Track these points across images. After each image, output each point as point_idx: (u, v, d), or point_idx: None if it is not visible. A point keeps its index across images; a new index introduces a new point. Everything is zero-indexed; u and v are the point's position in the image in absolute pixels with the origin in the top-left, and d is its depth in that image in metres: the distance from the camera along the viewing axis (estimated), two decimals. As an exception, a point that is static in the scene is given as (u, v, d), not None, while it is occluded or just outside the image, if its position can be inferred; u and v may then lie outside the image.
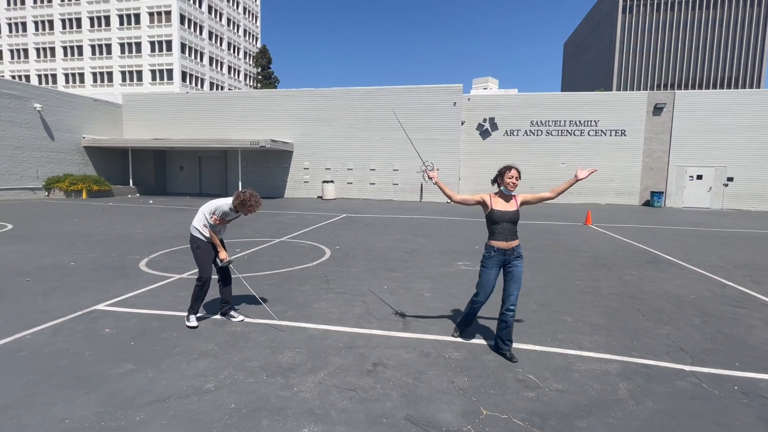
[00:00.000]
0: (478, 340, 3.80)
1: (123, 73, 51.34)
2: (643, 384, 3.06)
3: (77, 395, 2.76)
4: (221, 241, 4.16)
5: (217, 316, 4.26)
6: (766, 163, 19.03)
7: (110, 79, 51.65)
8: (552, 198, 3.64)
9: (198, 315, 4.11)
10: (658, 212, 17.14)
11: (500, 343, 3.50)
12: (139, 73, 50.89)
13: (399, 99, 20.59)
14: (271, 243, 8.47)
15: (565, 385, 3.02)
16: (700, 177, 19.66)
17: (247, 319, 4.20)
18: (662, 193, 19.57)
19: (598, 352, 3.58)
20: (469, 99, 21.15)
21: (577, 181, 3.51)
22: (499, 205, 3.52)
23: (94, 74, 52.00)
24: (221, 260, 4.07)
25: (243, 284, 5.00)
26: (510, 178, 3.47)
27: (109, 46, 51.12)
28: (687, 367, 3.35)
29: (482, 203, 3.61)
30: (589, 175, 3.46)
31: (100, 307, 4.49)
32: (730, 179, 19.37)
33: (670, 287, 5.73)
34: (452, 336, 3.85)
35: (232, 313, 4.23)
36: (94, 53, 51.62)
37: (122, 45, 50.90)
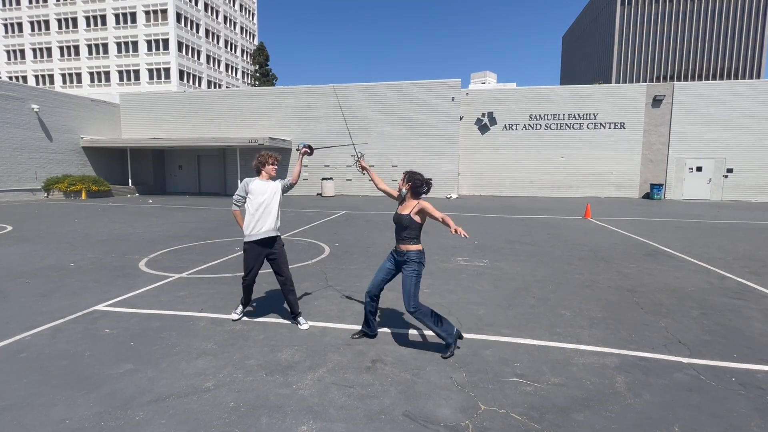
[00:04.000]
0: (477, 336, 3.81)
1: (120, 72, 51.17)
2: (640, 377, 3.07)
3: (77, 395, 2.78)
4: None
5: (217, 315, 4.27)
6: (765, 154, 18.99)
7: (107, 79, 51.49)
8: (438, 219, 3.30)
9: (237, 313, 4.18)
10: (657, 205, 17.13)
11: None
12: (137, 72, 50.73)
13: (397, 95, 20.52)
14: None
15: (563, 379, 3.03)
16: (699, 169, 19.63)
17: (245, 318, 4.21)
18: (662, 185, 19.54)
19: (596, 346, 3.59)
20: (467, 94, 21.08)
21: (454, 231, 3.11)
22: (399, 207, 3.56)
23: (91, 74, 51.83)
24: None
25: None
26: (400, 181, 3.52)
27: (105, 46, 50.93)
28: (685, 360, 3.36)
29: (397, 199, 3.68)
30: (456, 231, 3.04)
31: (100, 307, 4.50)
32: (730, 170, 19.33)
33: (669, 280, 5.74)
34: (351, 337, 3.70)
35: (299, 319, 4.00)
36: (90, 53, 51.43)
37: (119, 44, 50.71)
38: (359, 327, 3.99)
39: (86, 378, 3.01)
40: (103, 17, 50.42)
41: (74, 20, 51.04)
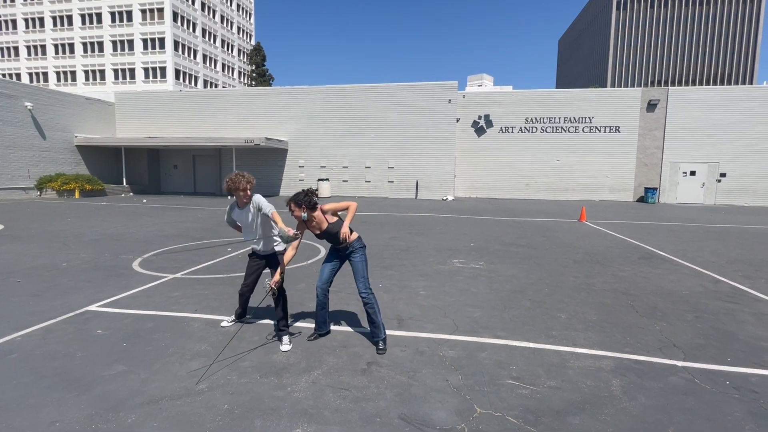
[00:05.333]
0: (473, 338, 3.81)
1: (115, 71, 50.88)
2: (635, 380, 3.07)
3: (68, 397, 2.74)
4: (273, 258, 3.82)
5: (211, 316, 4.23)
6: (757, 159, 19.18)
7: (102, 77, 51.17)
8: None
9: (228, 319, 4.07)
10: (652, 208, 17.25)
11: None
12: (132, 71, 50.46)
13: (394, 96, 20.54)
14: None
15: (558, 382, 3.03)
16: (693, 173, 19.80)
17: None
18: (656, 189, 19.68)
19: (591, 349, 3.60)
20: (464, 96, 21.14)
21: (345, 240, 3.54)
22: (315, 229, 3.64)
23: (86, 72, 51.49)
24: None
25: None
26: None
27: (101, 44, 50.62)
28: (679, 363, 3.37)
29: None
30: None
31: (93, 307, 4.45)
32: (723, 175, 19.51)
33: (663, 283, 5.77)
34: (308, 339, 3.70)
35: (284, 338, 3.57)
36: (85, 51, 51.12)
37: (114, 42, 50.43)
38: (354, 329, 3.98)
39: (77, 379, 2.97)
40: (99, 15, 50.15)
41: (69, 18, 50.72)
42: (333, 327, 4.01)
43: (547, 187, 20.89)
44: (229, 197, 3.76)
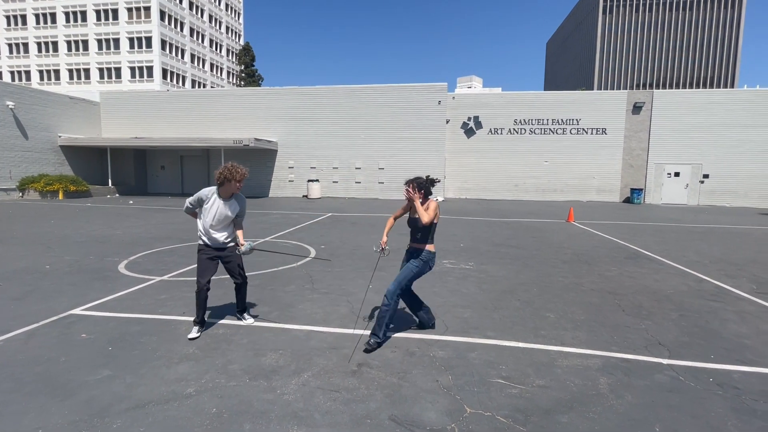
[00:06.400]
0: (463, 338, 3.82)
1: (101, 70, 49.99)
2: (622, 378, 3.12)
3: (51, 403, 2.67)
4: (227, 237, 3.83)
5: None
6: (739, 161, 19.65)
7: (87, 76, 50.23)
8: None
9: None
10: (637, 209, 17.54)
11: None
12: (118, 70, 49.64)
13: (384, 97, 20.56)
14: (255, 243, 8.35)
15: (547, 381, 3.06)
16: (677, 174, 20.19)
17: (227, 322, 4.13)
18: (641, 190, 20.03)
19: (579, 348, 3.64)
20: (453, 98, 21.25)
21: None
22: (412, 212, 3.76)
23: (70, 71, 50.50)
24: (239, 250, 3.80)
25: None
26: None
27: (85, 42, 49.70)
28: (665, 361, 3.43)
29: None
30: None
31: (77, 311, 4.36)
32: (706, 176, 19.94)
33: (648, 282, 5.87)
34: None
35: (245, 315, 4.13)
36: (70, 49, 50.13)
37: (99, 41, 49.55)
38: (344, 330, 3.97)
39: (61, 385, 2.90)
40: (84, 13, 49.23)
41: (53, 15, 49.70)
42: (321, 328, 3.99)
43: (536, 188, 21.11)
44: (217, 186, 3.73)
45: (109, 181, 21.30)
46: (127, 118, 22.43)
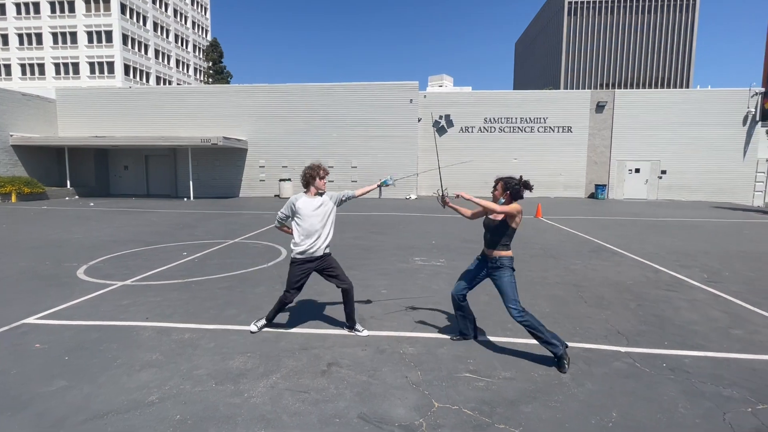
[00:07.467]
0: (432, 335, 3.87)
1: (57, 65, 47.43)
2: (583, 367, 3.25)
3: (2, 418, 2.53)
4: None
5: (164, 324, 4.05)
6: (693, 157, 20.76)
7: (42, 72, 47.54)
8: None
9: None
10: (601, 204, 18.26)
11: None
12: (76, 65, 47.24)
13: (356, 96, 20.49)
14: (224, 245, 8.17)
15: (513, 373, 3.14)
16: (638, 170, 21.14)
17: (193, 326, 4.02)
18: (605, 186, 20.85)
19: (544, 340, 3.75)
20: (425, 96, 21.42)
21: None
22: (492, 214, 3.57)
23: (23, 66, 47.65)
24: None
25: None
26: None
27: (39, 36, 47.00)
28: (623, 349, 3.60)
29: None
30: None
31: (30, 320, 4.13)
32: (664, 172, 20.97)
33: (610, 274, 6.13)
34: (451, 339, 3.72)
35: (357, 326, 3.87)
36: (22, 43, 47.29)
37: (55, 35, 46.98)
38: (315, 330, 3.94)
39: (12, 398, 2.75)
40: (36, 5, 46.52)
41: (2, 6, 46.68)
42: (292, 329, 3.95)
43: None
44: (305, 190, 3.73)
45: (68, 182, 20.25)
46: (86, 116, 21.38)
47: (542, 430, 2.45)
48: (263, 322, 3.91)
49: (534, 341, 3.70)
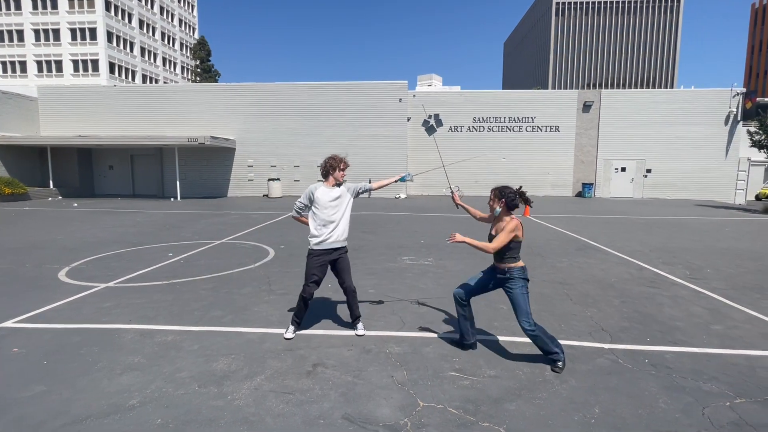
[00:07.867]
0: (418, 333, 3.88)
1: (39, 62, 46.38)
2: (567, 364, 3.28)
3: (-26, 426, 2.46)
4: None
5: (147, 326, 3.98)
6: (677, 156, 21.14)
7: (23, 69, 46.46)
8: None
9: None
10: (588, 202, 18.49)
11: None
12: (59, 63, 46.24)
13: (345, 95, 20.43)
14: (210, 245, 8.08)
15: (498, 371, 3.16)
16: (624, 169, 21.45)
17: (177, 328, 3.97)
18: (592, 184, 21.12)
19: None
20: (414, 96, 21.44)
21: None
22: (493, 228, 3.61)
23: (3, 63, 46.51)
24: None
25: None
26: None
27: (20, 33, 45.90)
28: (606, 345, 3.64)
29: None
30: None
31: (8, 324, 4.03)
32: (649, 171, 21.31)
33: (595, 272, 6.21)
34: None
35: (358, 325, 3.85)
36: (2, 40, 46.12)
37: (37, 31, 45.93)
38: (301, 331, 3.91)
39: (-14, 405, 2.68)
40: (18, 1, 45.42)
41: (-19, 3, 45.50)
42: (277, 330, 3.92)
43: (496, 184, 21.31)
44: (321, 181, 3.91)
45: (50, 182, 19.82)
46: (69, 114, 20.95)
47: (526, 428, 2.47)
48: (293, 327, 3.77)
49: (523, 340, 3.73)
